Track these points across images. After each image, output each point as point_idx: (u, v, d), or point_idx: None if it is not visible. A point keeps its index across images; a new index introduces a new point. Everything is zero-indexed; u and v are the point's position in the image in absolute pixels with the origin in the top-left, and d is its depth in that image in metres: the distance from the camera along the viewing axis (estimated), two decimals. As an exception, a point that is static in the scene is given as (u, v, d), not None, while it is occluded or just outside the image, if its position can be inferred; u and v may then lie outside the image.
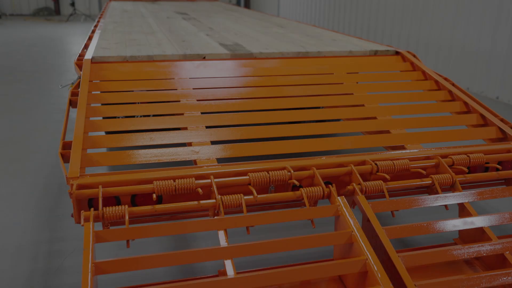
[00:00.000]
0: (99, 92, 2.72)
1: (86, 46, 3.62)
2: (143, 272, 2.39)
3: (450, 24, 6.95)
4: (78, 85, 2.76)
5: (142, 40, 3.83)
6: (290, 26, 5.31)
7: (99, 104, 2.62)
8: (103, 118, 2.68)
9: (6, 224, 2.84)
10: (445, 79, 3.16)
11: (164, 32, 4.43)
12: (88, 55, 3.11)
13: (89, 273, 1.59)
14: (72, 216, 1.99)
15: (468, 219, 2.01)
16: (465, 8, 6.61)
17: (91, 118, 2.46)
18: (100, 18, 5.98)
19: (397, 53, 3.61)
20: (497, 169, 2.34)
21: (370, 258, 1.76)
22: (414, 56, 3.51)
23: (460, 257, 1.87)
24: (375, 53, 3.60)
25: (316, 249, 2.59)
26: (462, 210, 2.12)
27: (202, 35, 4.23)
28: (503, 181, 2.39)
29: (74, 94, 2.68)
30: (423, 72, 3.28)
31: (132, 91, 2.81)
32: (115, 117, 2.81)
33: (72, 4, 16.75)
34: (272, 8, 15.85)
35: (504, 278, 1.76)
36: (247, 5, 18.11)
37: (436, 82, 3.14)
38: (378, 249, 1.87)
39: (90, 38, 4.05)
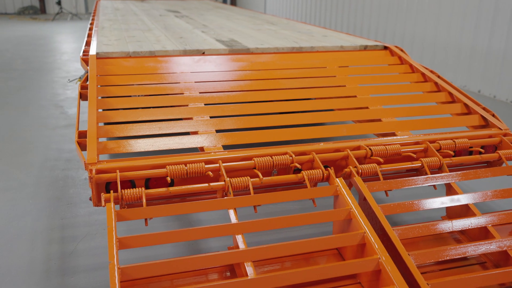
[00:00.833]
0: (107, 86, 2.87)
1: (87, 43, 3.75)
2: (153, 254, 2.55)
3: (433, 21, 7.19)
4: (86, 79, 2.90)
5: (141, 37, 3.97)
6: (280, 23, 5.48)
7: (108, 97, 2.77)
8: (113, 109, 2.82)
9: (19, 213, 2.96)
10: (431, 71, 3.36)
11: (160, 29, 4.57)
12: (92, 51, 3.25)
13: (114, 247, 1.75)
14: (90, 199, 2.14)
15: (455, 197, 2.20)
16: (447, 6, 6.85)
17: (100, 110, 2.61)
18: (93, 16, 6.09)
19: (385, 47, 3.80)
20: (480, 153, 2.54)
21: (368, 231, 1.95)
22: (402, 50, 3.71)
23: (448, 230, 2.06)
24: (365, 48, 3.79)
25: (316, 230, 2.78)
26: (449, 190, 2.31)
27: (198, 32, 4.38)
28: (486, 163, 2.59)
29: (84, 87, 2.81)
30: (411, 66, 3.48)
31: (138, 84, 2.95)
32: (123, 109, 2.95)
33: (59, 3, 16.71)
34: (259, 5, 16.01)
35: (487, 247, 1.95)
36: (233, 3, 18.24)
37: (423, 74, 3.34)
38: (374, 224, 2.05)
39: (89, 36, 4.18)
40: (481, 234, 2.14)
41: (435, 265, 2.09)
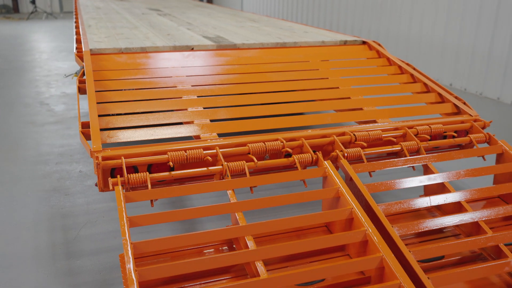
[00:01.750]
0: (103, 80, 3.00)
1: (78, 41, 3.86)
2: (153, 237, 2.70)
3: (407, 18, 7.48)
4: (82, 74, 3.02)
5: (129, 34, 4.09)
6: (262, 20, 5.66)
7: (105, 91, 2.90)
8: (111, 102, 2.94)
9: (18, 204, 3.07)
10: (407, 64, 3.59)
11: (146, 27, 4.69)
12: (86, 47, 3.37)
13: (126, 225, 1.90)
14: (96, 185, 2.29)
15: (431, 176, 2.42)
16: (420, 3, 7.14)
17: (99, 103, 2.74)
18: (75, 15, 6.15)
19: (364, 42, 4.03)
20: (453, 137, 2.78)
21: (355, 207, 2.14)
22: (379, 45, 3.93)
23: (426, 205, 2.28)
24: (345, 43, 4.00)
25: (306, 212, 2.97)
26: (426, 170, 2.53)
27: (184, 29, 4.52)
28: (458, 146, 2.83)
29: (81, 82, 2.94)
30: (388, 59, 3.70)
31: (132, 78, 3.09)
32: (121, 101, 3.07)
33: (33, 2, 16.53)
34: (235, 3, 16.16)
35: (461, 218, 2.18)
36: (210, 1, 18.33)
37: (400, 67, 3.57)
38: (360, 201, 2.25)
39: (77, 33, 4.28)
40: (456, 209, 2.37)
41: (416, 237, 2.31)
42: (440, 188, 2.46)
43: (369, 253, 2.03)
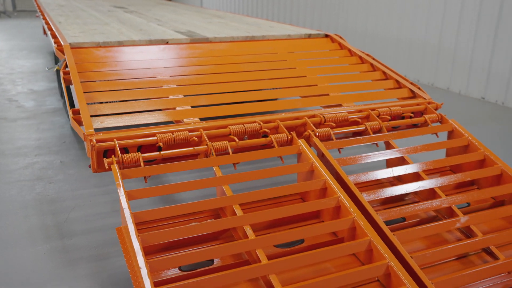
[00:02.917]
0: (85, 72, 3.15)
1: (53, 36, 3.97)
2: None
3: (363, 15, 7.89)
4: (65, 66, 3.16)
5: (103, 30, 4.23)
6: (227, 17, 5.89)
7: (90, 81, 3.06)
8: (96, 91, 3.10)
9: (4, 192, 3.18)
10: (367, 55, 3.91)
11: (117, 23, 4.83)
12: (65, 42, 3.50)
13: (125, 197, 2.10)
14: (89, 167, 2.46)
15: (392, 151, 2.73)
16: (375, 0, 7.56)
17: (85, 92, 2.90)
18: (41, 13, 6.19)
19: (326, 35, 4.33)
20: (410, 117, 3.11)
21: (328, 178, 2.42)
22: (341, 37, 4.24)
23: (389, 176, 2.58)
24: (309, 36, 4.29)
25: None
26: (388, 146, 2.84)
27: (155, 25, 4.69)
28: (415, 125, 3.16)
29: (66, 73, 3.08)
30: (349, 50, 4.02)
31: (113, 70, 3.25)
32: (107, 91, 3.23)
33: (-16, 1, 16.07)
34: (194, 1, 16.27)
35: (420, 186, 2.49)
36: None
37: (360, 57, 3.89)
38: (332, 173, 2.52)
39: (50, 29, 4.37)
40: (414, 178, 2.68)
41: (381, 205, 2.61)
42: (400, 161, 2.77)
43: (342, 217, 2.31)
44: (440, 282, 2.02)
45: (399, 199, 2.70)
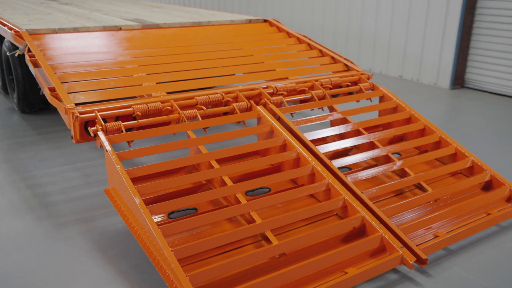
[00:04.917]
0: (49, 55, 3.32)
1: (3, 25, 4.04)
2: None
3: (299, 6, 8.41)
4: (28, 50, 3.31)
5: (51, 18, 4.35)
6: (165, 7, 6.13)
7: (56, 63, 3.24)
8: (66, 72, 3.26)
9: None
10: (304, 36, 4.37)
11: (59, 13, 4.93)
12: (20, 29, 3.62)
13: (116, 158, 2.37)
14: (72, 138, 2.69)
15: (336, 113, 3.20)
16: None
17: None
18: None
19: (265, 20, 4.74)
20: (348, 86, 3.60)
21: (287, 136, 2.83)
22: (278, 22, 4.67)
23: (336, 133, 3.04)
24: (250, 21, 4.68)
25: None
26: (331, 110, 3.31)
27: (99, 15, 4.85)
28: (350, 94, 3.66)
29: (32, 56, 3.23)
30: (287, 33, 4.46)
31: (75, 53, 3.44)
32: (74, 72, 3.40)
33: None
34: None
35: (361, 139, 2.98)
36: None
37: (298, 38, 4.34)
38: (289, 132, 2.94)
39: (-6, 19, 4.40)
40: (356, 134, 3.17)
41: (332, 157, 3.06)
42: (343, 121, 3.25)
43: (302, 166, 2.72)
44: (386, 209, 2.51)
45: (346, 151, 3.18)
